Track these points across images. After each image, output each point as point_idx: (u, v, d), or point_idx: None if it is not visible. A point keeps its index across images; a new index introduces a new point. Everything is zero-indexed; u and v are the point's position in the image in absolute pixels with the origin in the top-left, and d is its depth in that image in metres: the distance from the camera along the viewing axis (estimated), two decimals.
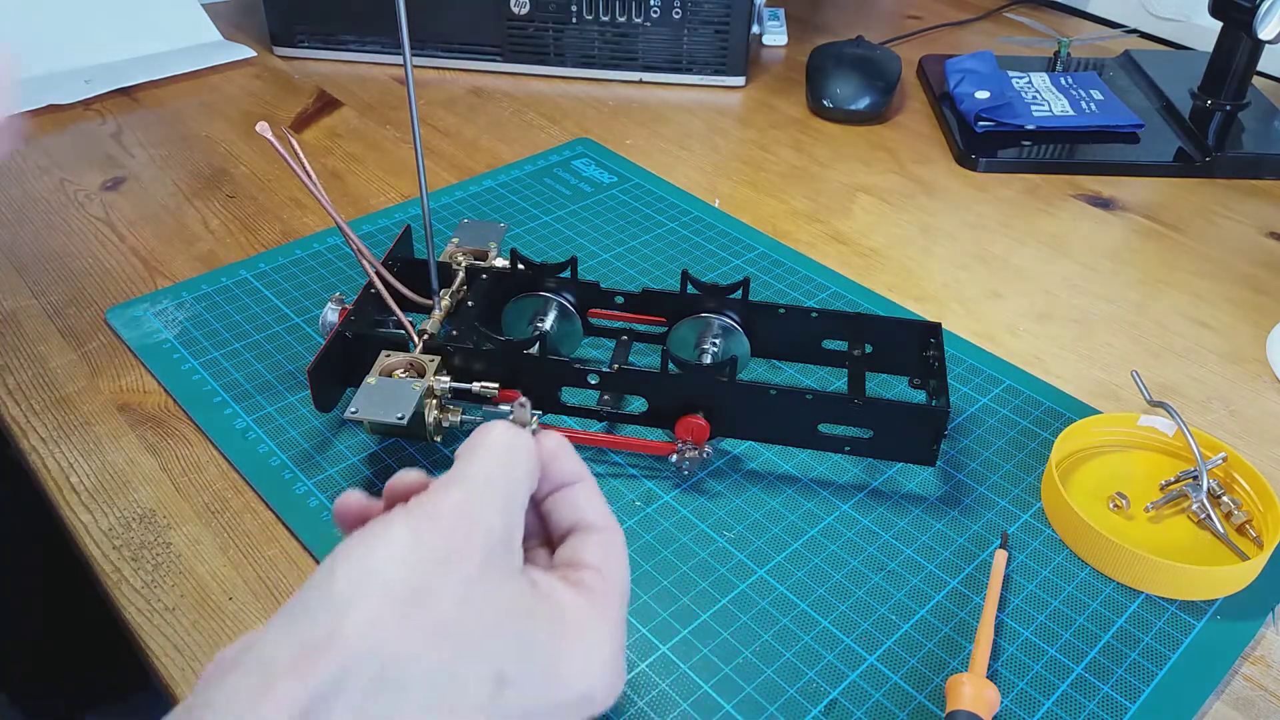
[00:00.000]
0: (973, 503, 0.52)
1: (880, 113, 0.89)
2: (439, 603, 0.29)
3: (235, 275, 0.66)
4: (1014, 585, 0.48)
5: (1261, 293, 0.70)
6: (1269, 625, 0.47)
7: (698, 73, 0.93)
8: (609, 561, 0.34)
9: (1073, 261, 0.72)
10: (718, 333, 0.57)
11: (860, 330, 0.56)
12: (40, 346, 0.60)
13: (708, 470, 0.53)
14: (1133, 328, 0.66)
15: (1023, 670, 0.44)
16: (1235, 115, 0.88)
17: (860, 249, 0.73)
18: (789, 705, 0.43)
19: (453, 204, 0.74)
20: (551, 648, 0.31)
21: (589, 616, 0.32)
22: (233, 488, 0.52)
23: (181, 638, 0.45)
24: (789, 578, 0.48)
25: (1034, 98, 0.89)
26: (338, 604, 0.28)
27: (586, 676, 0.31)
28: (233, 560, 0.48)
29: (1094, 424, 0.55)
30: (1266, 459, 0.56)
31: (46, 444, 0.54)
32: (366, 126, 0.85)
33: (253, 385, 0.57)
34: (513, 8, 0.90)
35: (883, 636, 0.46)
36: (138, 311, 0.62)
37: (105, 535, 0.49)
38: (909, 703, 0.43)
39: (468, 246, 0.60)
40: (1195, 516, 0.51)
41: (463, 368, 0.52)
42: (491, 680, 0.29)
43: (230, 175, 0.78)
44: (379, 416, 0.47)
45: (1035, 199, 0.79)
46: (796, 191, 0.79)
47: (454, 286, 0.57)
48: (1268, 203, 0.81)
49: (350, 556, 0.29)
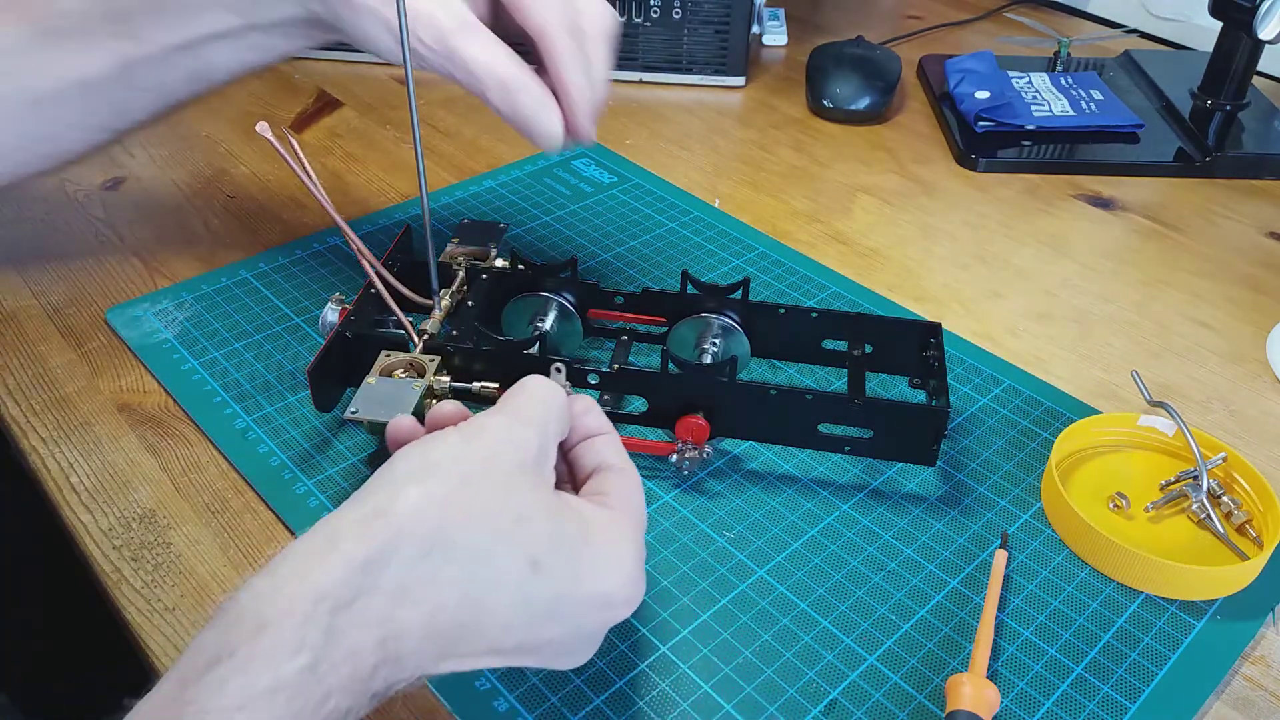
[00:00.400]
0: (973, 503, 0.52)
1: (880, 113, 0.89)
2: (482, 490, 0.34)
3: (235, 275, 0.66)
4: (1014, 585, 0.48)
5: (1261, 293, 0.70)
6: (1269, 625, 0.47)
7: (698, 73, 0.93)
8: (628, 491, 0.38)
9: (1073, 261, 0.72)
10: (718, 333, 0.57)
11: (860, 330, 0.56)
12: (40, 346, 0.60)
13: (708, 470, 0.53)
14: (1133, 328, 0.66)
15: (1023, 670, 0.44)
16: (1235, 115, 0.88)
17: (860, 249, 0.73)
18: (789, 705, 0.43)
19: (453, 204, 0.74)
20: (578, 546, 0.35)
21: (611, 528, 0.36)
22: (233, 488, 0.52)
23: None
24: (789, 578, 0.48)
25: (1034, 98, 0.89)
26: (396, 484, 0.33)
27: (609, 578, 0.35)
28: (233, 560, 0.48)
29: (1094, 424, 0.55)
30: (1266, 459, 0.56)
31: (46, 444, 0.54)
32: (366, 126, 0.85)
33: (253, 385, 0.57)
34: None
35: (883, 636, 0.46)
36: (138, 311, 0.62)
37: (105, 535, 0.49)
38: (909, 703, 0.43)
39: (468, 246, 0.60)
40: (1195, 516, 0.51)
41: (463, 368, 0.52)
42: (527, 562, 0.33)
43: (230, 175, 0.78)
44: (379, 416, 0.47)
45: (1035, 199, 0.79)
46: (796, 191, 0.79)
47: (454, 286, 0.57)
48: (1268, 203, 0.81)
49: (409, 453, 0.35)
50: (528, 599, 0.34)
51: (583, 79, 0.49)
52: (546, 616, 0.34)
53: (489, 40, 0.47)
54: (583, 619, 0.35)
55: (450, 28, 0.47)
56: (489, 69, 0.47)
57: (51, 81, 0.52)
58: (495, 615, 0.33)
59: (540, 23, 0.48)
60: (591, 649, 0.37)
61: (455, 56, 0.47)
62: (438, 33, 0.47)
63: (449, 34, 0.47)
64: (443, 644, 0.33)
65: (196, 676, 0.29)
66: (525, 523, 0.34)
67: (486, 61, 0.47)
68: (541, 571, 0.34)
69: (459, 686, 0.43)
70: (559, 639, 0.35)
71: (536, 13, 0.47)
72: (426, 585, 0.32)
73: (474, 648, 0.34)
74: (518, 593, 0.33)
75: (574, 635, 0.36)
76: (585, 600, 0.35)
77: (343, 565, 0.31)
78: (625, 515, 0.37)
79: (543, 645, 0.35)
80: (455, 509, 0.33)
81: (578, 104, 0.49)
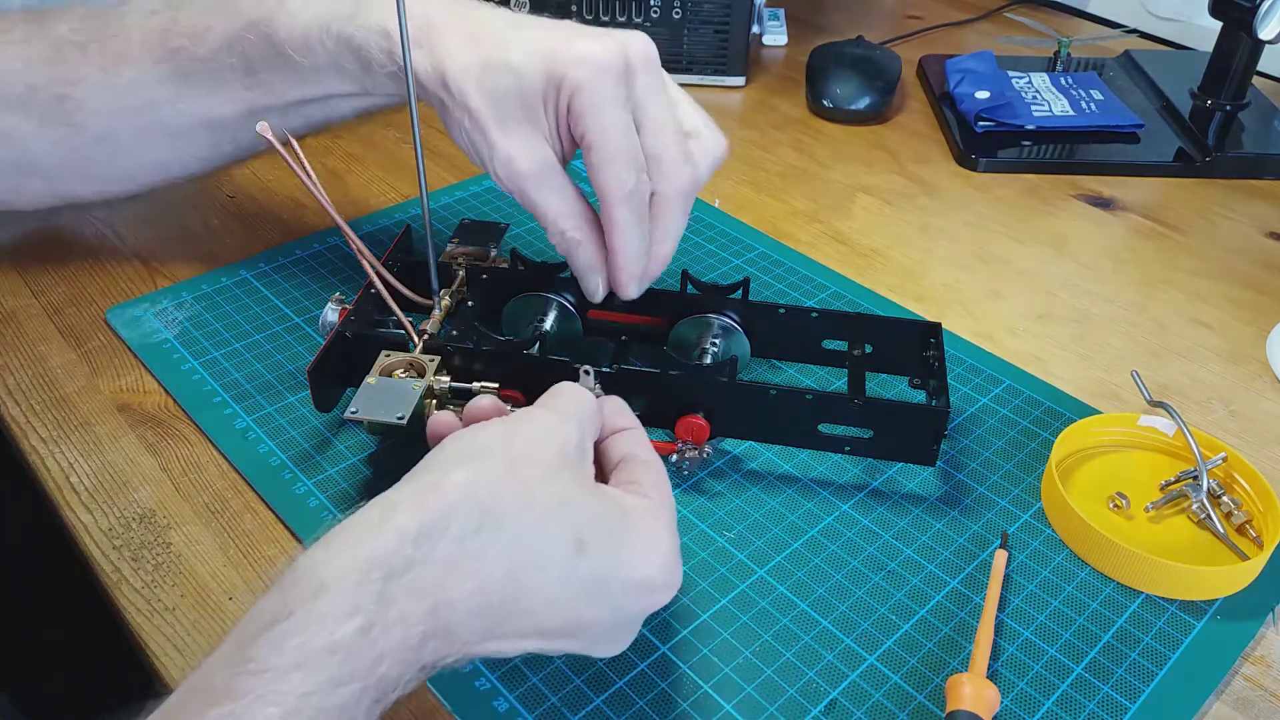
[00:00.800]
0: (973, 503, 0.52)
1: (880, 113, 0.89)
2: (529, 473, 0.36)
3: (235, 275, 0.66)
4: (1014, 585, 0.48)
5: (1261, 293, 0.70)
6: (1269, 625, 0.47)
7: (698, 73, 0.93)
8: (657, 481, 0.40)
9: (1073, 261, 0.72)
10: (718, 333, 0.57)
11: (860, 330, 0.56)
12: (40, 346, 0.60)
13: (708, 470, 0.53)
14: (1133, 328, 0.66)
15: (1023, 670, 0.44)
16: (1235, 115, 0.88)
17: (860, 249, 0.73)
18: (789, 705, 0.43)
19: (453, 204, 0.74)
20: (620, 530, 0.36)
21: (648, 514, 0.38)
22: (233, 488, 0.52)
23: (181, 638, 0.45)
24: (789, 578, 0.48)
25: (1034, 98, 0.89)
26: (447, 464, 0.35)
27: (649, 562, 0.37)
28: (233, 560, 0.48)
29: (1094, 424, 0.55)
30: (1266, 459, 0.56)
31: (46, 444, 0.54)
32: (366, 126, 0.85)
33: (253, 385, 0.57)
34: (512, 8, 0.90)
35: (883, 636, 0.46)
36: (138, 311, 0.62)
37: (105, 535, 0.49)
38: (909, 703, 0.43)
39: (467, 246, 0.60)
40: (1195, 516, 0.51)
41: (463, 368, 0.52)
42: (572, 543, 0.35)
43: (230, 175, 0.77)
44: (379, 416, 0.47)
45: (1035, 199, 0.79)
46: (796, 191, 0.79)
47: (454, 286, 0.57)
48: (1268, 203, 0.81)
49: (459, 437, 0.37)
50: (572, 577, 0.35)
51: (635, 249, 0.50)
52: (590, 597, 0.36)
53: (560, 192, 0.50)
54: (624, 602, 0.37)
55: (525, 172, 0.49)
56: (554, 222, 0.50)
57: (185, 119, 0.57)
58: (540, 593, 0.35)
59: (602, 191, 0.48)
60: (630, 635, 0.38)
61: (526, 199, 0.50)
62: (513, 175, 0.49)
63: (523, 178, 0.49)
64: (490, 620, 0.34)
65: (253, 637, 0.30)
66: (570, 505, 0.36)
67: (552, 216, 0.50)
68: (586, 552, 0.35)
69: (459, 686, 0.43)
70: (600, 621, 0.36)
71: (601, 181, 0.48)
72: (475, 559, 0.34)
73: (520, 626, 0.35)
74: (563, 570, 0.35)
75: (615, 618, 0.37)
76: (627, 583, 0.36)
77: (396, 536, 0.33)
78: (660, 503, 0.39)
79: (585, 627, 0.36)
80: (504, 488, 0.35)
81: (625, 271, 0.51)
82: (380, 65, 0.51)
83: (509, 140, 0.48)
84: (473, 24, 0.50)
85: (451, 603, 0.33)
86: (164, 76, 0.56)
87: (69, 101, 0.56)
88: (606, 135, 0.47)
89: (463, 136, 0.50)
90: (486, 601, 0.34)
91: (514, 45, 0.48)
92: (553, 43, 0.48)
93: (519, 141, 0.48)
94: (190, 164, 0.60)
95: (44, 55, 0.57)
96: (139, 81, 0.56)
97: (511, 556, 0.34)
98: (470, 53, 0.49)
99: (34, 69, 0.57)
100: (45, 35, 0.57)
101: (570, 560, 0.35)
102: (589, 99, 0.47)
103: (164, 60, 0.56)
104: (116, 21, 0.57)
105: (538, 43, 0.48)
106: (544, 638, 0.36)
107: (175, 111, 0.57)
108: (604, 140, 0.47)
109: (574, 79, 0.47)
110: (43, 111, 0.57)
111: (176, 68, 0.55)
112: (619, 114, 0.47)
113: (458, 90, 0.49)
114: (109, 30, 0.57)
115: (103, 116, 0.57)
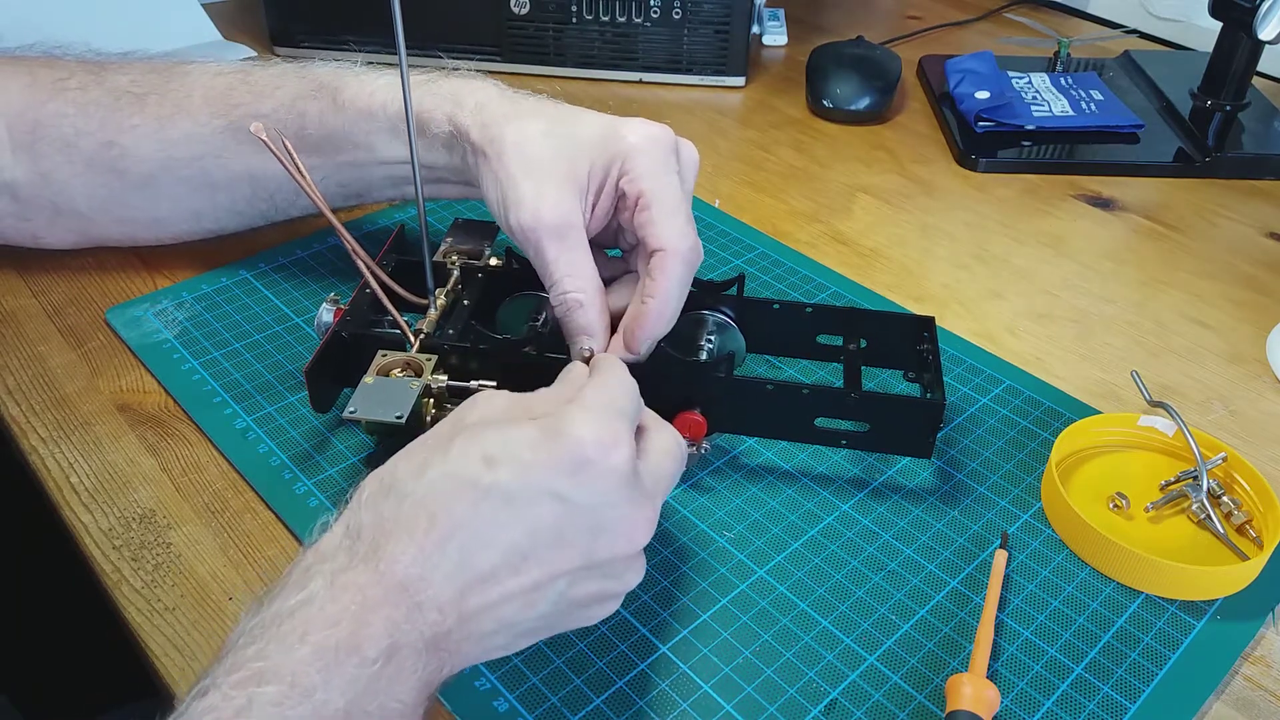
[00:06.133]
0: (973, 503, 0.52)
1: (880, 113, 0.89)
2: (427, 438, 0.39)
3: (235, 275, 0.66)
4: (1014, 585, 0.48)
5: (1261, 293, 0.70)
6: (1269, 625, 0.47)
7: (698, 73, 0.93)
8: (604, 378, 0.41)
9: (1073, 261, 0.72)
10: (713, 329, 0.57)
11: (854, 325, 0.56)
12: (40, 346, 0.60)
13: (707, 470, 0.53)
14: (1133, 328, 0.66)
15: (1023, 670, 0.44)
16: (1235, 115, 0.88)
17: (860, 249, 0.73)
18: (789, 705, 0.43)
19: (449, 203, 0.74)
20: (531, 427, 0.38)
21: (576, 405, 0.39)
22: (233, 488, 0.52)
23: (181, 638, 0.45)
24: (789, 578, 0.48)
25: (1034, 98, 0.89)
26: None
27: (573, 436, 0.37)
28: (233, 560, 0.48)
29: (1094, 424, 0.55)
30: (1266, 459, 0.56)
31: (46, 444, 0.54)
32: None
33: (253, 385, 0.57)
34: (513, 8, 0.91)
35: (883, 636, 0.46)
36: (138, 311, 0.62)
37: (105, 535, 0.49)
38: (909, 703, 0.43)
39: (462, 246, 0.60)
40: (1195, 516, 0.51)
41: (459, 367, 0.52)
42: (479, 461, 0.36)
43: None
44: (378, 416, 0.47)
45: (1035, 199, 0.79)
46: (796, 191, 0.79)
47: (449, 285, 0.57)
48: (1268, 203, 0.81)
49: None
50: (495, 490, 0.36)
51: (674, 307, 0.50)
52: (525, 500, 0.36)
53: (576, 249, 0.50)
54: (557, 484, 0.36)
55: (549, 223, 0.49)
56: (560, 280, 0.50)
57: (228, 172, 0.59)
58: (474, 520, 0.36)
59: (664, 244, 0.48)
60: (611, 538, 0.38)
61: (539, 250, 0.50)
62: (537, 221, 0.49)
63: (542, 232, 0.49)
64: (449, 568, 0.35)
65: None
66: (473, 436, 0.37)
67: (561, 273, 0.49)
68: (496, 463, 0.36)
69: (459, 686, 0.43)
70: (551, 527, 0.36)
71: (664, 235, 0.48)
72: (398, 511, 0.36)
73: (484, 565, 0.36)
74: (476, 490, 0.36)
75: (563, 517, 0.37)
76: (550, 467, 0.36)
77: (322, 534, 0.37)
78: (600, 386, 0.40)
79: (540, 533, 0.36)
80: (404, 457, 0.38)
81: (649, 329, 0.49)
82: (438, 126, 0.53)
83: (542, 189, 0.49)
84: (532, 101, 0.53)
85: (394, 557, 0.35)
86: (218, 129, 0.57)
87: (116, 148, 0.58)
88: (668, 191, 0.49)
89: (495, 189, 0.51)
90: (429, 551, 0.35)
91: (577, 117, 0.52)
92: (611, 118, 0.51)
93: (553, 193, 0.49)
94: (223, 218, 0.62)
95: (99, 103, 0.58)
96: (192, 134, 0.58)
97: (427, 496, 0.36)
98: (533, 121, 0.51)
99: (86, 114, 0.58)
100: (103, 84, 0.59)
101: (481, 475, 0.36)
102: (650, 162, 0.49)
103: (221, 115, 0.57)
104: (181, 77, 0.59)
105: (598, 116, 0.52)
106: (515, 572, 0.36)
107: (219, 165, 0.58)
108: (666, 195, 0.49)
109: (634, 142, 0.50)
110: (89, 156, 0.58)
111: (232, 123, 0.57)
112: (675, 177, 0.50)
113: (514, 142, 0.50)
114: (171, 84, 0.59)
115: (148, 164, 0.58)
